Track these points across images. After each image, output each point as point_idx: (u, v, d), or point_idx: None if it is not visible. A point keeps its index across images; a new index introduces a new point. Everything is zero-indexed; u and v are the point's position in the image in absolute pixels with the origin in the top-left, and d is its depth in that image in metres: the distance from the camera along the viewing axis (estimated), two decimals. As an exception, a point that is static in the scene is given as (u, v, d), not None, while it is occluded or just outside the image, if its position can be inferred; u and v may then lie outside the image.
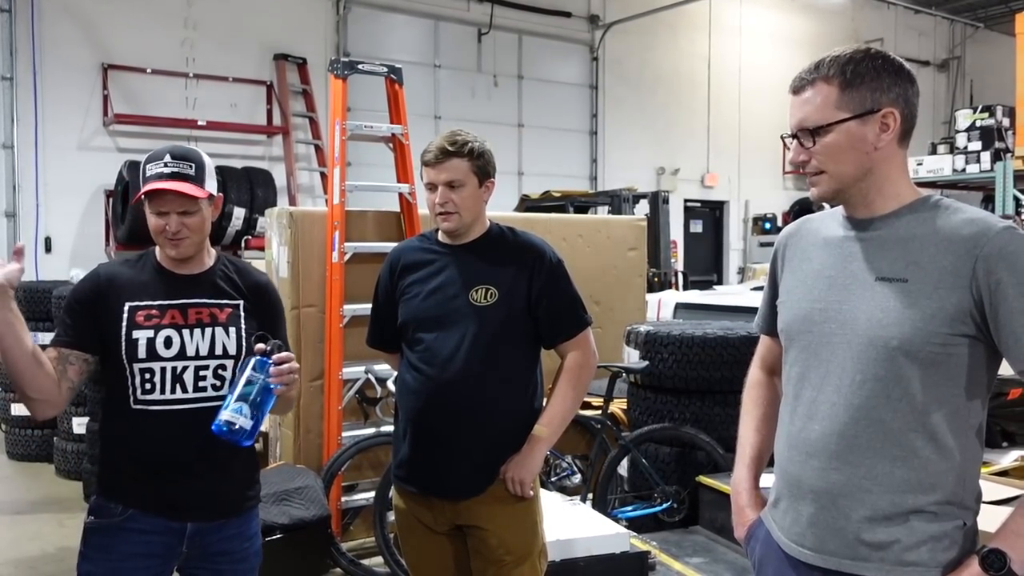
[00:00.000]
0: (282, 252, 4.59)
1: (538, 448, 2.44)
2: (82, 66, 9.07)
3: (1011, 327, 1.48)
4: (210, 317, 2.19)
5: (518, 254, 2.48)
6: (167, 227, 2.13)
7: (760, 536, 1.79)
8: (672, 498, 4.46)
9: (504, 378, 2.43)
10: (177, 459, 2.12)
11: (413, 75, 9.83)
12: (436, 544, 2.51)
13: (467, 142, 2.42)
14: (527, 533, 2.48)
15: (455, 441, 2.41)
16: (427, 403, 2.42)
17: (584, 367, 2.52)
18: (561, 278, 2.50)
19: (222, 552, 2.20)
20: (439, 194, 2.41)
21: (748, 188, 14.42)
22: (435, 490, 2.45)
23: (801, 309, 1.70)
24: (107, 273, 2.22)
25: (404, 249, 2.62)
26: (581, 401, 2.59)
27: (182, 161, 2.13)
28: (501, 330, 2.40)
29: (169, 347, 2.13)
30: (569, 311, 2.51)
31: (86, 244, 9.06)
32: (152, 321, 2.14)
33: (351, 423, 4.57)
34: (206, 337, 2.16)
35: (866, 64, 1.58)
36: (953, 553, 1.55)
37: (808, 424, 1.65)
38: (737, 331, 4.51)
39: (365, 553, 4.43)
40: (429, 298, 2.46)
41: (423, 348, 2.44)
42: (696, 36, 14.02)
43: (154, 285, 2.19)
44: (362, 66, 4.78)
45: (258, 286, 2.31)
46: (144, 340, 2.12)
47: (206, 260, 2.27)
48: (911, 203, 1.61)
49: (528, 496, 2.43)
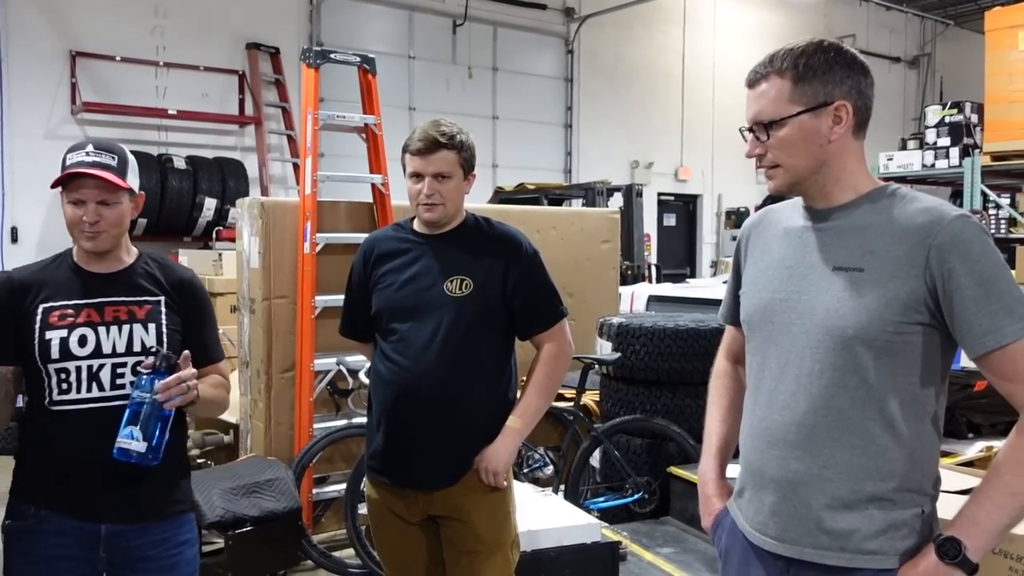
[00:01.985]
0: (253, 243, 4.55)
1: (511, 439, 2.43)
2: (49, 53, 8.92)
3: (964, 315, 1.50)
4: (128, 314, 2.13)
5: (494, 245, 2.47)
6: (84, 217, 2.07)
7: (726, 525, 1.81)
8: (643, 489, 4.50)
9: (478, 369, 2.42)
10: (93, 459, 2.04)
11: (387, 66, 9.79)
12: (409, 534, 2.50)
13: (455, 134, 2.41)
14: (499, 523, 2.48)
15: (428, 432, 2.40)
16: (400, 393, 2.41)
17: (559, 358, 2.51)
18: (537, 269, 2.50)
19: (144, 557, 2.11)
20: (426, 184, 2.39)
21: (721, 182, 14.51)
22: (408, 481, 2.44)
23: (762, 300, 1.71)
24: (20, 278, 2.16)
25: (378, 238, 2.59)
26: (555, 393, 2.58)
27: (104, 152, 2.09)
28: (475, 321, 2.39)
29: (84, 345, 2.08)
30: (544, 302, 2.50)
31: (53, 234, 8.89)
32: (66, 321, 2.09)
33: (322, 415, 4.55)
34: (123, 334, 2.10)
35: (818, 57, 1.59)
36: (911, 541, 1.57)
37: (769, 414, 1.67)
38: (709, 323, 4.55)
39: (336, 545, 4.42)
40: (403, 288, 2.44)
41: (397, 338, 2.43)
42: (671, 30, 14.07)
43: (69, 285, 2.14)
44: (335, 55, 4.74)
45: (181, 282, 2.25)
46: (57, 340, 2.07)
47: (124, 258, 2.21)
48: (868, 193, 1.63)
49: (501, 487, 2.43)
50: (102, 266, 2.17)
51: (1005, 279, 1.50)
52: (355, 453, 4.41)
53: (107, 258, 2.17)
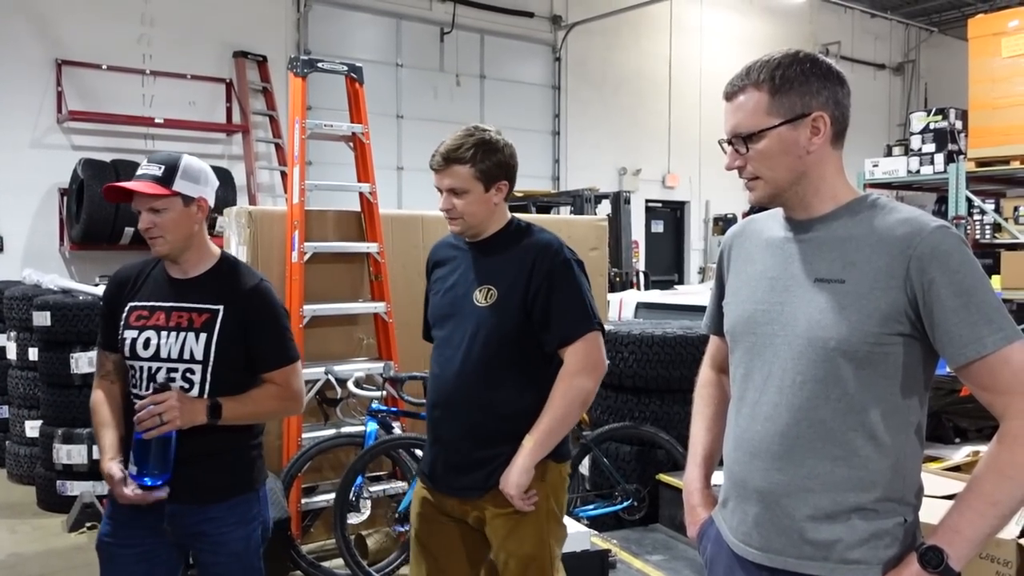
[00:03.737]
0: (241, 252, 4.54)
1: (522, 458, 2.32)
2: (35, 62, 8.88)
3: (945, 326, 1.50)
4: (188, 322, 2.31)
5: (522, 253, 2.42)
6: (139, 225, 2.30)
7: (711, 535, 1.81)
8: (632, 496, 4.50)
9: (499, 380, 2.38)
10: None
11: (375, 74, 9.79)
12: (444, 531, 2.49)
13: (472, 145, 2.39)
14: (525, 543, 2.38)
15: (451, 438, 2.43)
16: (434, 399, 2.48)
17: (577, 375, 2.36)
18: (565, 279, 2.39)
19: (199, 533, 2.33)
20: (443, 200, 2.43)
21: (709, 189, 14.56)
22: (436, 483, 2.48)
23: (745, 311, 1.72)
24: (124, 273, 2.44)
25: (437, 246, 2.66)
26: (576, 412, 2.40)
27: (153, 164, 2.30)
28: (497, 331, 2.37)
29: (147, 348, 2.30)
30: (566, 314, 2.37)
31: (40, 243, 8.88)
32: (140, 322, 2.32)
33: (311, 424, 4.54)
34: (178, 341, 2.29)
35: (795, 69, 1.60)
36: (894, 550, 1.58)
37: (752, 425, 1.67)
38: (697, 330, 4.56)
39: (326, 555, 4.41)
40: (445, 295, 2.50)
41: (436, 345, 2.51)
42: (658, 38, 14.13)
43: (154, 286, 2.37)
44: (322, 64, 4.75)
45: (246, 291, 2.37)
46: (129, 339, 2.31)
47: (202, 263, 2.38)
48: (848, 203, 1.64)
49: (522, 508, 2.34)
50: (179, 271, 2.37)
51: (984, 290, 1.51)
52: (344, 462, 4.40)
53: (182, 263, 2.36)
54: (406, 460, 4.33)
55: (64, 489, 5.34)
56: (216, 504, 2.33)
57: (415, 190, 11.15)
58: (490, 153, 2.42)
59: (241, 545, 2.36)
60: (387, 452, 4.37)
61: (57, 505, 5.36)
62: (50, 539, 4.98)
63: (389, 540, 4.40)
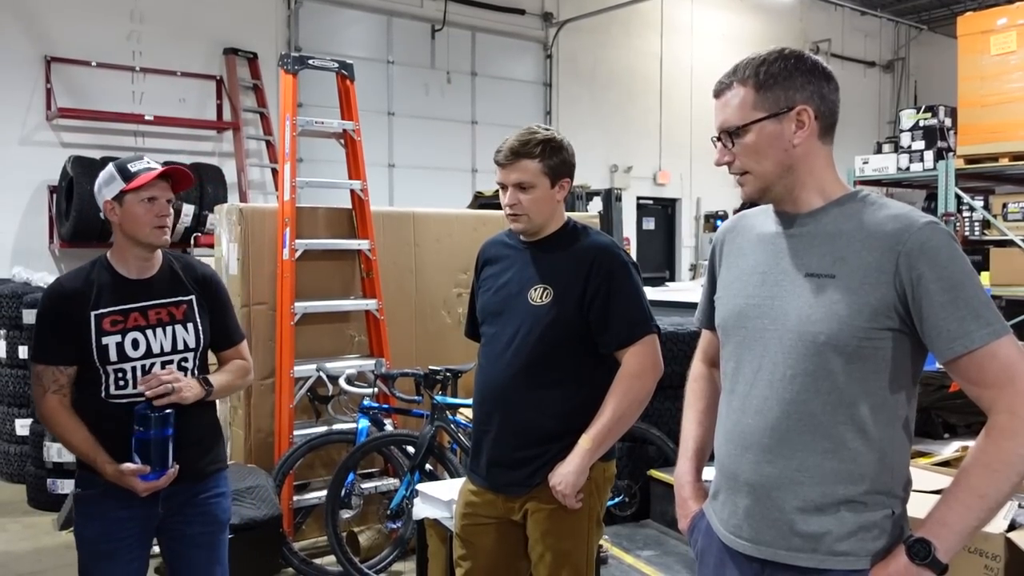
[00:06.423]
0: (232, 249, 4.54)
1: (578, 458, 2.33)
2: (24, 58, 8.82)
3: (934, 321, 1.52)
4: (168, 316, 2.44)
5: (580, 254, 2.43)
6: (158, 213, 2.37)
7: (702, 528, 1.83)
8: (624, 492, 4.52)
9: (552, 380, 2.39)
10: None
11: (366, 71, 9.76)
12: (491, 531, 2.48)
13: (539, 142, 2.40)
14: (564, 539, 2.39)
15: (501, 436, 2.43)
16: (482, 395, 2.49)
17: (636, 377, 2.38)
18: (623, 282, 2.40)
19: (186, 505, 2.47)
20: (508, 195, 2.43)
21: (700, 186, 14.58)
22: (482, 479, 2.48)
23: (736, 305, 1.74)
24: (71, 286, 2.42)
25: (488, 243, 2.66)
26: (633, 413, 2.43)
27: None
28: (551, 331, 2.37)
29: (136, 348, 2.39)
30: (624, 316, 2.38)
31: (29, 241, 8.83)
32: (117, 327, 2.38)
33: (303, 421, 4.54)
34: (168, 335, 2.43)
35: (779, 65, 1.63)
36: (882, 542, 1.59)
37: (742, 418, 1.69)
38: (688, 327, 4.58)
39: (317, 552, 4.41)
40: (497, 293, 2.50)
41: (484, 341, 2.53)
42: (649, 35, 14.14)
43: (112, 292, 2.40)
44: (313, 61, 4.75)
45: (204, 278, 2.56)
46: (114, 345, 2.36)
47: (155, 261, 2.49)
48: (838, 199, 1.66)
49: (571, 507, 2.35)
50: (136, 271, 2.45)
51: (973, 285, 1.53)
52: (335, 459, 4.40)
53: (143, 261, 2.44)
54: (398, 457, 4.34)
55: (55, 487, 5.33)
56: (203, 481, 2.51)
57: (406, 187, 11.14)
58: (557, 150, 2.44)
59: (226, 515, 2.59)
60: (379, 449, 4.38)
61: (48, 503, 5.35)
62: (41, 537, 4.97)
63: (381, 537, 4.41)
